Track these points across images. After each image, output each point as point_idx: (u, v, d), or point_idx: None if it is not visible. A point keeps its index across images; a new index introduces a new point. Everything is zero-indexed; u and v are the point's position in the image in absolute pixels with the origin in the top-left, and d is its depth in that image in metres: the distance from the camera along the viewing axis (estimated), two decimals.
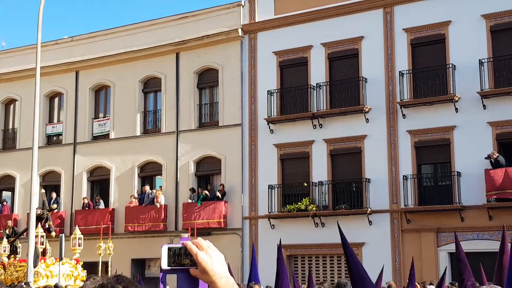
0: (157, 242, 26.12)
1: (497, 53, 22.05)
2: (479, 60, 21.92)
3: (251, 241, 25.25)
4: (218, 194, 25.78)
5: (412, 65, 23.38)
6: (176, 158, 27.26)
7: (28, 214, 19.72)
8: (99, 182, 29.80)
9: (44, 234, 18.49)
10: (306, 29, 25.25)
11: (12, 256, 19.10)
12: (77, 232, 19.41)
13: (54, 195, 29.56)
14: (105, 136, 29.51)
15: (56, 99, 31.51)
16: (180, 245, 1.98)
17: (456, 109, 22.31)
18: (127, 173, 28.36)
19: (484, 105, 21.84)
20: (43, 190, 22.04)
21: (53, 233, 19.60)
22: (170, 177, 27.41)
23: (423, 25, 23.25)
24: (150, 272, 27.34)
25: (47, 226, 19.32)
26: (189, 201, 26.31)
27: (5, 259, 19.11)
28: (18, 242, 20.25)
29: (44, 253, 18.34)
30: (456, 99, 22.22)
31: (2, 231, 23.93)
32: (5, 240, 20.36)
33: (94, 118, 30.07)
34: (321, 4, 25.06)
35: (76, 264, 18.47)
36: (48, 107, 31.37)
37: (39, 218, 19.11)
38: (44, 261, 17.79)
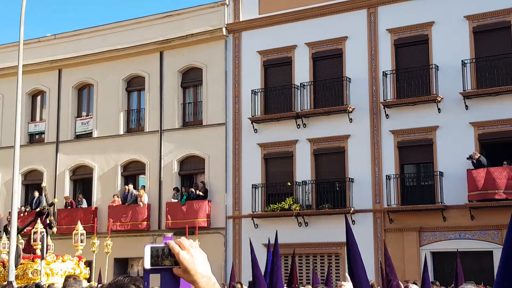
0: (140, 241, 26.04)
1: (479, 54, 22.23)
2: (462, 61, 22.08)
3: (235, 240, 25.26)
4: (199, 192, 25.76)
5: (396, 66, 23.49)
6: (160, 157, 27.20)
7: (10, 213, 19.52)
8: (82, 181, 29.65)
9: (45, 230, 17.76)
10: (290, 29, 25.29)
11: None
12: (79, 228, 18.57)
13: (36, 194, 29.39)
14: (88, 135, 29.37)
15: (39, 98, 31.31)
16: (163, 245, 1.98)
17: (439, 109, 22.45)
18: (110, 172, 28.25)
19: (466, 106, 22.01)
20: (44, 184, 21.41)
21: (54, 229, 18.72)
22: (154, 176, 27.34)
23: (407, 25, 23.38)
24: (133, 271, 27.23)
25: (48, 221, 18.46)
26: (173, 200, 26.26)
27: (5, 257, 18.37)
28: (20, 238, 19.45)
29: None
30: (439, 99, 22.36)
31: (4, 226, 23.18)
32: (5, 236, 19.66)
33: (77, 117, 29.92)
34: (306, 4, 25.12)
35: (79, 261, 17.65)
36: (31, 106, 31.17)
37: (39, 213, 18.51)
38: (45, 259, 17.17)
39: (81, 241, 18.24)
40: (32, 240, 17.39)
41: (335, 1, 24.63)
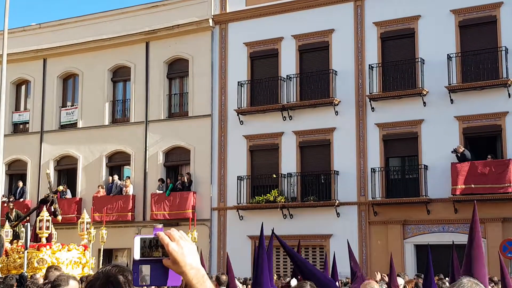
0: (124, 232, 25.96)
1: (465, 48, 22.34)
2: (448, 54, 22.18)
3: (220, 232, 25.28)
4: (185, 179, 25.71)
5: (382, 59, 23.56)
6: (145, 148, 27.12)
7: None
8: (66, 171, 29.51)
9: (50, 218, 16.96)
10: (277, 21, 25.26)
11: (15, 241, 17.94)
12: (85, 216, 18.20)
13: (20, 184, 29.22)
14: (73, 125, 29.22)
15: (23, 87, 31.09)
16: (152, 236, 1.97)
17: (424, 103, 22.56)
18: (95, 163, 28.13)
19: (451, 100, 22.13)
20: (48, 171, 20.95)
21: (59, 217, 18.25)
22: (139, 167, 27.27)
23: (393, 19, 23.44)
24: (117, 262, 27.15)
25: (52, 209, 17.97)
26: (158, 191, 26.21)
27: (8, 245, 17.91)
28: (21, 226, 18.97)
29: (49, 238, 17.28)
30: (424, 93, 22.46)
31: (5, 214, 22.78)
32: (7, 224, 19.14)
33: (62, 107, 29.75)
34: None
35: (84, 250, 17.13)
36: (15, 95, 30.94)
37: (44, 201, 18.09)
38: (50, 247, 16.76)
39: (88, 230, 17.78)
40: (37, 229, 16.96)
41: None
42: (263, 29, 25.44)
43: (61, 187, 20.52)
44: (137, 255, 1.95)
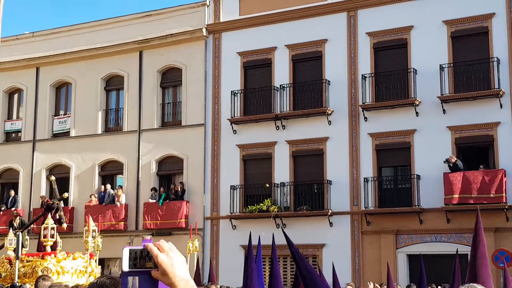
0: (117, 241, 25.87)
1: (457, 59, 22.45)
2: (440, 65, 22.28)
3: (212, 242, 25.23)
4: (178, 188, 25.66)
5: (375, 69, 23.64)
6: (138, 157, 27.07)
7: None
8: (59, 180, 29.32)
9: (55, 226, 16.38)
10: (270, 31, 25.34)
11: None
12: (91, 223, 17.82)
13: (12, 192, 29.09)
14: (65, 134, 29.15)
15: (16, 95, 31.01)
16: (141, 247, 1.98)
17: (417, 113, 22.63)
18: (88, 172, 28.05)
19: (444, 110, 22.21)
20: (53, 177, 20.71)
21: (64, 225, 17.86)
22: (131, 176, 27.21)
23: (386, 29, 23.54)
24: (112, 274, 27.05)
25: (57, 217, 17.57)
26: (150, 200, 26.15)
27: (12, 253, 17.56)
28: (26, 234, 18.43)
29: (54, 247, 16.94)
30: (417, 103, 22.54)
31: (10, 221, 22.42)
32: (11, 232, 18.84)
33: (55, 115, 29.68)
34: (286, 6, 25.18)
35: (90, 259, 16.57)
36: (7, 104, 30.86)
37: (48, 208, 17.76)
38: (55, 256, 16.40)
39: (93, 238, 17.46)
40: (42, 237, 16.65)
41: (315, 3, 24.73)
42: (256, 39, 25.50)
43: (66, 194, 20.16)
44: (125, 267, 1.95)
